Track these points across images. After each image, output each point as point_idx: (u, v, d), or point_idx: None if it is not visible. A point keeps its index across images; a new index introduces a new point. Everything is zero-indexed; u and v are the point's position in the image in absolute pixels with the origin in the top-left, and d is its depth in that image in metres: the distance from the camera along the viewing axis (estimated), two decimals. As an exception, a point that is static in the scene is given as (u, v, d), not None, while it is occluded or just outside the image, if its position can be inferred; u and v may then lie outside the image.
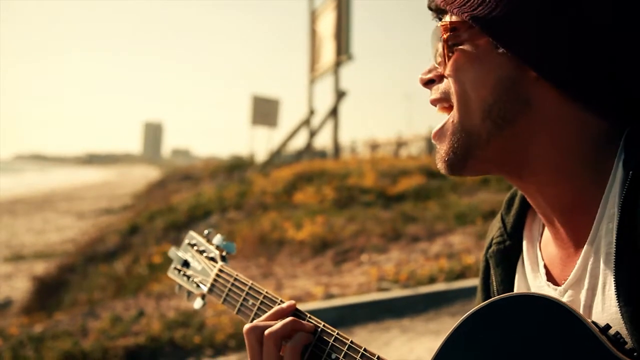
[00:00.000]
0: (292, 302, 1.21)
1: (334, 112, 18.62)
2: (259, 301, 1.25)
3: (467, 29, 0.97)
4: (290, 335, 1.12)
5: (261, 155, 23.58)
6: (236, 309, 1.28)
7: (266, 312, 1.21)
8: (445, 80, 1.02)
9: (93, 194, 37.66)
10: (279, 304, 1.20)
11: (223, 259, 1.40)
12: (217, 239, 1.43)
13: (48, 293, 10.44)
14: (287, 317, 1.16)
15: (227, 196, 12.87)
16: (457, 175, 1.02)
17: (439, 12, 1.05)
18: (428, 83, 1.06)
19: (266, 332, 1.12)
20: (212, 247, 1.43)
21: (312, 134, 20.02)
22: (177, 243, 1.76)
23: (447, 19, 1.01)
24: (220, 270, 1.36)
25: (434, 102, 1.05)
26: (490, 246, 1.15)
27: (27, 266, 13.57)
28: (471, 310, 0.92)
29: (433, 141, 1.04)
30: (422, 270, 6.23)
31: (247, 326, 1.15)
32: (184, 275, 1.45)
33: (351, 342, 1.09)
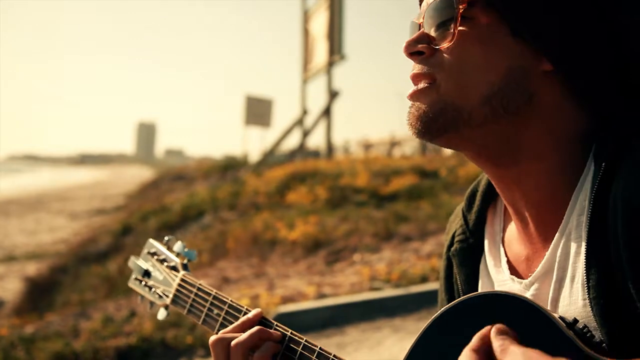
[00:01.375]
0: (258, 310, 1.18)
1: (327, 112, 18.63)
2: (224, 310, 1.22)
3: (484, 6, 0.91)
4: (258, 345, 1.10)
5: (255, 155, 23.57)
6: (201, 319, 1.25)
7: (232, 321, 1.18)
8: (437, 54, 0.94)
9: (86, 194, 37.52)
10: (245, 313, 1.17)
11: (185, 267, 1.36)
12: (178, 246, 1.40)
13: (40, 294, 10.40)
14: (254, 326, 1.13)
15: (220, 196, 12.86)
16: (426, 140, 0.96)
17: None
18: (415, 54, 0.97)
19: (233, 343, 1.09)
20: (172, 255, 1.40)
21: (305, 133, 20.02)
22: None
23: None
24: (183, 280, 1.33)
25: (417, 78, 0.96)
26: (452, 244, 1.13)
27: (19, 267, 13.52)
28: (439, 312, 0.92)
29: (407, 98, 0.97)
30: (414, 270, 6.24)
31: (212, 338, 1.12)
32: (146, 285, 1.42)
33: (320, 348, 1.08)
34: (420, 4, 1.02)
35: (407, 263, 6.57)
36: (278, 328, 1.14)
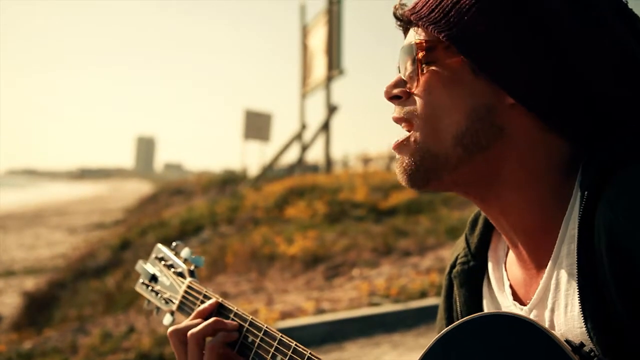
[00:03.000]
0: (214, 300, 1.23)
1: (325, 127, 18.68)
2: (230, 318, 1.22)
3: (443, 48, 0.93)
4: (213, 335, 1.15)
5: (253, 170, 23.60)
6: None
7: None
8: (412, 98, 0.97)
9: (85, 209, 37.48)
10: (251, 322, 1.18)
11: (192, 274, 1.36)
12: (185, 252, 1.40)
13: (38, 309, 10.36)
14: (211, 316, 1.18)
15: (219, 211, 12.86)
16: (418, 190, 0.99)
17: (406, 23, 1.01)
18: (394, 98, 1.00)
19: (188, 333, 1.15)
20: (180, 261, 1.40)
21: (304, 148, 20.06)
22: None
23: (420, 34, 0.97)
24: (189, 287, 1.33)
25: (398, 121, 1.00)
26: (454, 266, 1.14)
27: (17, 282, 13.48)
28: (443, 331, 0.92)
29: (393, 150, 1.00)
30: (413, 285, 6.23)
31: (170, 329, 1.19)
32: (152, 290, 1.42)
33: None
34: None
35: (406, 278, 6.57)
36: (236, 318, 1.19)
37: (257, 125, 23.06)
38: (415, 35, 0.98)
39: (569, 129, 0.91)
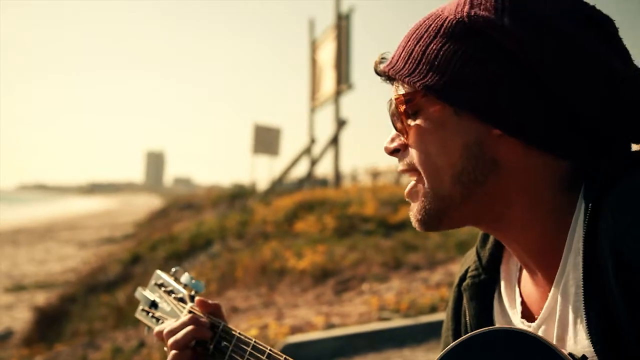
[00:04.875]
0: (189, 306, 1.33)
1: (334, 141, 18.71)
2: (233, 343, 1.23)
3: (422, 97, 0.96)
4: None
5: (263, 184, 23.65)
6: (209, 351, 1.26)
7: (242, 354, 1.23)
8: (408, 149, 1.01)
9: (95, 223, 37.63)
10: (254, 346, 1.20)
11: (192, 299, 1.37)
12: (185, 277, 1.40)
13: (49, 323, 10.39)
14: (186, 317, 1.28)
15: (229, 225, 12.88)
16: (433, 231, 1.02)
17: (387, 78, 1.04)
18: (394, 152, 1.04)
19: (164, 331, 1.27)
20: (180, 287, 1.40)
21: (313, 162, 20.09)
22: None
23: (400, 88, 1.00)
24: (190, 312, 1.33)
25: (405, 172, 1.03)
26: (464, 278, 1.16)
27: (28, 296, 13.53)
28: (452, 344, 0.93)
29: (406, 199, 1.04)
30: (423, 300, 6.22)
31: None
32: (153, 316, 1.42)
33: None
34: None
35: (416, 293, 6.55)
36: (211, 317, 1.30)
37: (266, 140, 23.13)
38: (397, 89, 1.01)
39: (559, 149, 0.92)
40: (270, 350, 1.11)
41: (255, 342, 1.14)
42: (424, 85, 0.93)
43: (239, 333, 1.18)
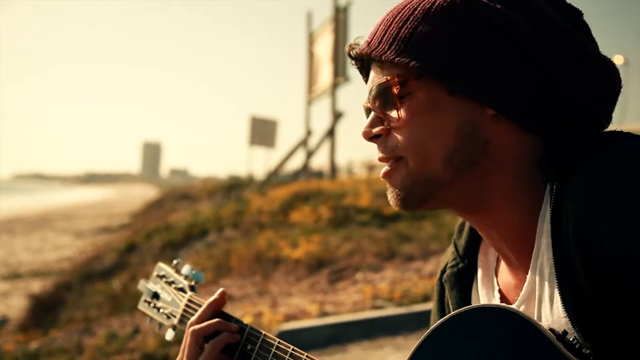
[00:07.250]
0: (212, 300, 1.28)
1: (330, 133, 18.73)
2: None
3: (414, 77, 0.94)
4: (214, 335, 1.22)
5: (259, 175, 23.65)
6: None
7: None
8: (392, 134, 0.98)
9: (91, 213, 37.62)
10: (249, 331, 1.23)
11: (192, 289, 1.40)
12: (186, 269, 1.44)
13: (44, 311, 10.43)
14: (213, 317, 1.25)
15: (224, 215, 12.91)
16: (412, 211, 1.01)
17: (365, 62, 1.02)
18: (374, 138, 1.01)
19: (190, 328, 1.23)
20: (180, 278, 1.44)
21: (309, 154, 20.10)
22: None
23: (385, 70, 0.97)
24: (190, 301, 1.37)
25: (385, 160, 1.00)
26: (444, 271, 1.17)
27: (24, 284, 13.56)
28: (434, 325, 0.94)
29: (381, 178, 1.02)
30: (416, 289, 6.28)
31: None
32: (154, 307, 1.46)
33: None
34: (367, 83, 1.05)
35: (410, 282, 6.61)
36: (238, 322, 1.25)
37: (262, 132, 23.11)
38: (381, 72, 0.98)
39: (545, 129, 0.95)
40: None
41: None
42: (419, 67, 0.92)
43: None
